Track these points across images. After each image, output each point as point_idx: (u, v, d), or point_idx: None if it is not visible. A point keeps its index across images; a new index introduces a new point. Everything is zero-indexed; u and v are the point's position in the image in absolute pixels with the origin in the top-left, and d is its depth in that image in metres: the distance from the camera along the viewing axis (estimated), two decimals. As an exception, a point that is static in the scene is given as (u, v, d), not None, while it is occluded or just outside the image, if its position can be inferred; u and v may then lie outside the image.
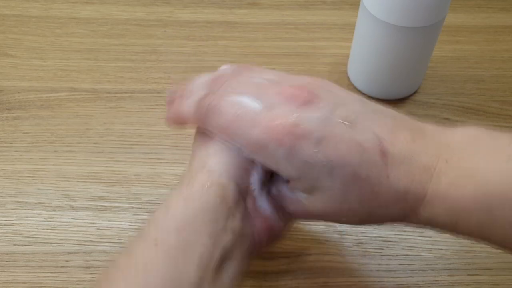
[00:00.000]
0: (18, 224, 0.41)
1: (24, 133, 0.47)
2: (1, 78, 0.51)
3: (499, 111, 0.49)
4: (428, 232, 0.40)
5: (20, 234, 0.40)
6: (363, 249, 0.40)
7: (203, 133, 0.30)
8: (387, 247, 0.40)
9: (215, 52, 0.54)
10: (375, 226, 0.41)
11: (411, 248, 0.40)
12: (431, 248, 0.40)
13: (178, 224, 0.27)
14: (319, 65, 0.53)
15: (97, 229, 0.41)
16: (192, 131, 0.32)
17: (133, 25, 0.56)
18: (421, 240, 0.40)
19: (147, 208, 0.42)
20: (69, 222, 0.41)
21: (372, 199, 0.27)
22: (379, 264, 0.39)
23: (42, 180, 0.43)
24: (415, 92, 0.50)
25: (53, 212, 0.42)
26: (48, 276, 0.38)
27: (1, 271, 0.38)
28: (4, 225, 0.41)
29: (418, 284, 0.39)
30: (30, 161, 0.45)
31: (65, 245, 0.40)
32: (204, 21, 0.57)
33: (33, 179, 0.43)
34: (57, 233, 0.40)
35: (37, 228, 0.41)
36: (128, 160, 0.45)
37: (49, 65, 0.52)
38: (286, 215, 0.31)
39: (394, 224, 0.31)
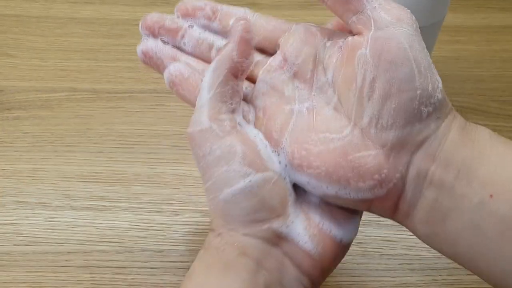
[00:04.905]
0: (18, 223, 0.41)
1: (24, 133, 0.47)
2: (1, 78, 0.51)
3: (498, 111, 0.49)
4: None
5: (20, 234, 0.40)
6: (363, 249, 0.40)
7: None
8: (386, 246, 0.40)
9: (215, 52, 0.54)
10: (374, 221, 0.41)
11: (410, 247, 0.40)
12: (430, 248, 0.40)
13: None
14: (318, 65, 0.53)
15: (97, 228, 0.41)
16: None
17: (133, 25, 0.56)
18: (420, 239, 0.40)
19: (147, 208, 0.42)
20: (69, 221, 0.41)
21: None
22: (379, 264, 0.39)
23: (42, 180, 0.43)
24: (414, 92, 0.50)
25: (53, 212, 0.42)
26: (48, 276, 0.38)
27: (1, 271, 0.38)
28: (4, 224, 0.41)
29: (417, 283, 0.39)
30: (30, 161, 0.45)
31: (65, 244, 0.40)
32: (204, 21, 0.57)
33: (33, 179, 0.44)
34: (57, 232, 0.41)
35: (37, 228, 0.41)
36: (128, 160, 0.45)
37: (49, 65, 0.52)
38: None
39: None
